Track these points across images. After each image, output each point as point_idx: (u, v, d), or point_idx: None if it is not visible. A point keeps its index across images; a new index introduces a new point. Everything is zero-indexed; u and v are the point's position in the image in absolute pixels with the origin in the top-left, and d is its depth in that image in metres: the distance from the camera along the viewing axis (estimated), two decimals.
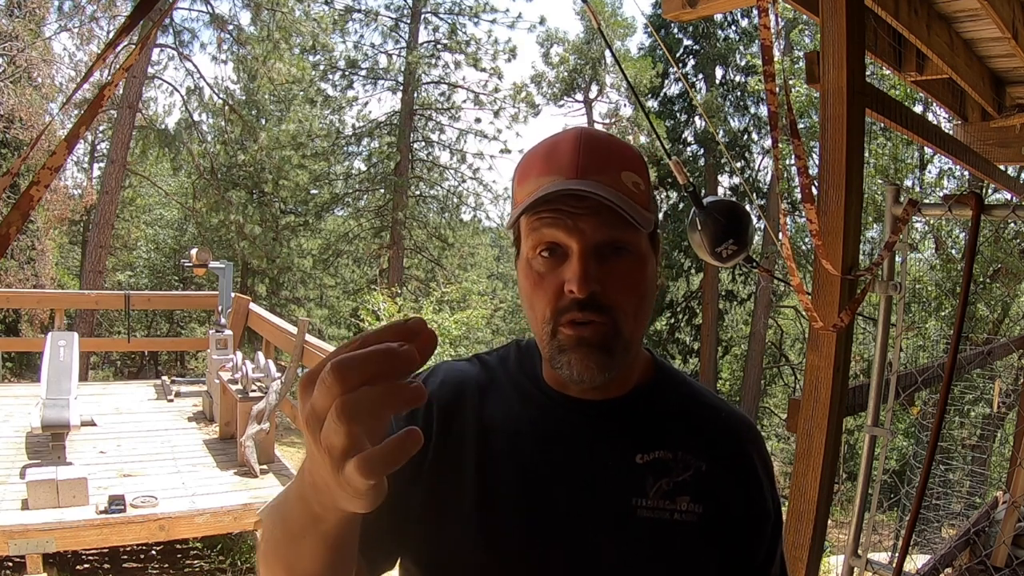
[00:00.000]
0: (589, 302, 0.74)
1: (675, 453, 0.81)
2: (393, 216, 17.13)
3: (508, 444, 0.81)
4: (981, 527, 3.38)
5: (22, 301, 9.76)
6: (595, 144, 0.78)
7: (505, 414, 0.84)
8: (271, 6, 14.18)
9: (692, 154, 17.58)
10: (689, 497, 0.80)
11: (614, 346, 0.76)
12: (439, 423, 0.83)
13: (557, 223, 0.74)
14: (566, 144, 0.77)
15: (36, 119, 11.58)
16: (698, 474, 0.81)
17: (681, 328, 18.25)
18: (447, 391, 0.85)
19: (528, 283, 0.78)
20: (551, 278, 0.76)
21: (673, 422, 0.85)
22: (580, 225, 0.74)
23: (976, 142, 3.49)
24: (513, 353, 0.91)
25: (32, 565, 3.79)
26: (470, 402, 0.84)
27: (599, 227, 0.74)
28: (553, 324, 0.76)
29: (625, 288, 0.76)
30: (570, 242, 0.74)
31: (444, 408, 0.83)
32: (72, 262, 19.31)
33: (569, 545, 0.78)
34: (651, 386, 0.86)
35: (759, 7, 1.51)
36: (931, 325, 8.81)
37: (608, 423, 0.82)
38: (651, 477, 0.80)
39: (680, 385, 0.90)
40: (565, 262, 0.75)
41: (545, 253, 0.76)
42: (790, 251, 1.81)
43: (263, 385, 4.98)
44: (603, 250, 0.75)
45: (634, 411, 0.84)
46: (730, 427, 0.88)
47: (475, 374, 0.88)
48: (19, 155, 11.39)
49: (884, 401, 2.27)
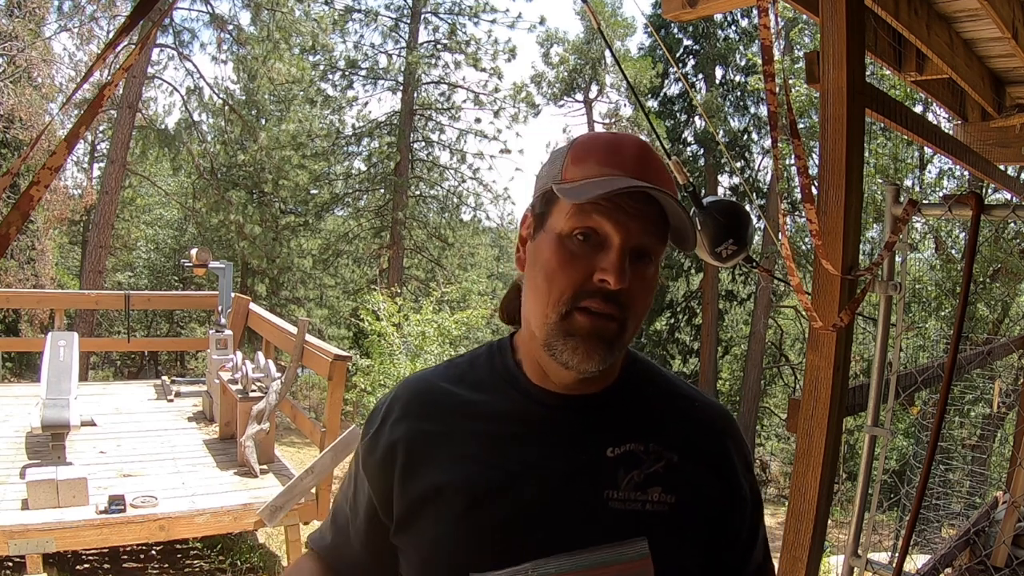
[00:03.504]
0: (614, 296, 0.76)
1: (647, 445, 0.84)
2: (393, 216, 17.13)
3: (481, 442, 0.84)
4: (981, 527, 3.38)
5: (22, 301, 9.76)
6: (653, 158, 0.81)
7: (476, 412, 0.86)
8: (271, 6, 14.18)
9: (692, 154, 17.59)
10: (661, 488, 0.82)
11: (616, 344, 0.79)
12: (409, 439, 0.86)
13: (610, 214, 0.76)
14: (630, 147, 0.81)
15: (36, 119, 11.57)
16: (670, 465, 0.83)
17: (681, 328, 18.25)
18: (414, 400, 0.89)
19: (556, 258, 0.78)
20: (583, 261, 0.77)
21: (646, 414, 0.87)
22: (629, 224, 0.77)
23: (976, 142, 3.49)
24: (484, 353, 0.93)
25: (32, 565, 3.79)
26: (440, 405, 0.87)
27: (642, 232, 0.77)
28: (570, 306, 0.78)
29: (642, 294, 0.79)
30: (615, 236, 0.77)
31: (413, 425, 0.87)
32: (72, 262, 19.31)
33: (549, 537, 0.80)
34: (626, 379, 0.88)
35: (759, 7, 1.51)
36: (931, 325, 8.81)
37: (583, 418, 0.84)
38: (622, 470, 0.82)
39: (654, 377, 0.92)
40: (601, 251, 0.77)
41: (581, 236, 0.78)
42: (790, 251, 1.81)
43: (263, 385, 4.98)
44: (635, 253, 0.78)
45: (607, 405, 0.86)
46: (704, 417, 0.90)
47: (444, 377, 0.90)
48: (19, 155, 11.39)
49: (884, 401, 2.27)
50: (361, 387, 10.38)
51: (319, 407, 14.99)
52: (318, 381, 15.03)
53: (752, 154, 17.55)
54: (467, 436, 0.84)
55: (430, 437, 0.85)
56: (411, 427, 0.87)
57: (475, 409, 0.86)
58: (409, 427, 0.87)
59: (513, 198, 19.90)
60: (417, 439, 0.85)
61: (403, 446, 0.86)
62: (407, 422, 0.87)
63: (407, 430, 0.86)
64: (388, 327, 10.42)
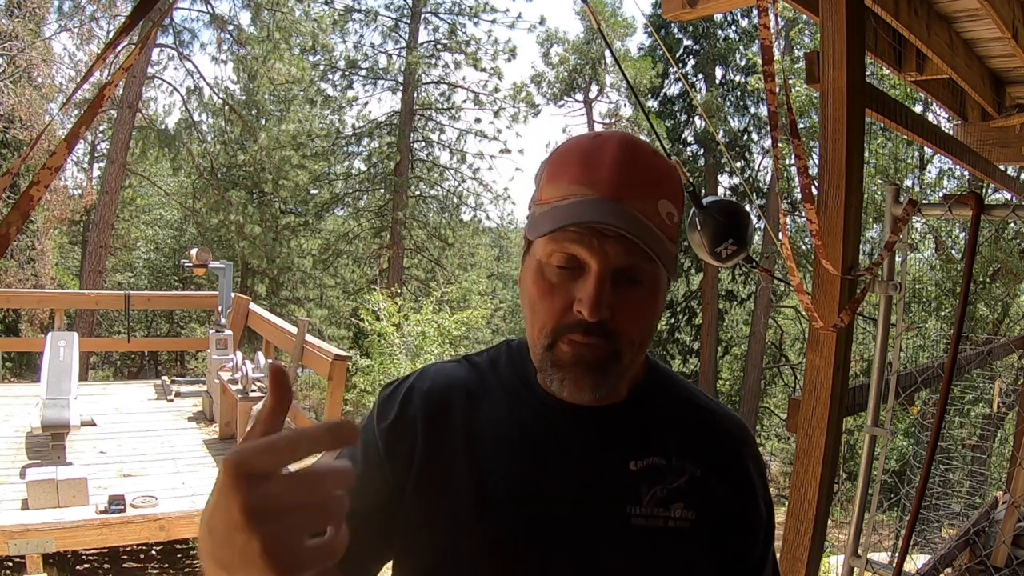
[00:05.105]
0: (596, 327, 0.72)
1: (669, 459, 0.81)
2: (393, 216, 17.14)
3: (500, 451, 0.80)
4: (981, 527, 3.38)
5: (22, 301, 9.76)
6: (638, 161, 0.74)
7: (496, 420, 0.82)
8: (271, 6, 14.18)
9: (692, 154, 17.58)
10: (683, 504, 0.80)
11: (610, 368, 0.75)
12: (426, 432, 0.81)
13: (582, 239, 0.72)
14: (608, 155, 0.74)
15: (36, 119, 11.58)
16: (692, 480, 0.81)
17: (681, 328, 18.25)
18: (435, 398, 0.83)
19: (536, 289, 0.75)
20: (562, 291, 0.74)
21: (667, 426, 0.84)
22: (605, 247, 0.71)
23: (976, 142, 3.49)
24: (504, 355, 0.88)
25: (32, 565, 3.79)
26: (459, 408, 0.83)
27: (623, 253, 0.72)
28: (553, 338, 0.74)
29: (634, 319, 0.74)
30: (591, 261, 0.72)
31: (431, 418, 0.82)
32: (72, 262, 19.31)
33: (569, 553, 0.77)
34: (645, 390, 0.85)
35: (759, 7, 1.51)
36: (931, 325, 8.81)
37: (602, 429, 0.81)
38: (645, 485, 0.79)
39: (674, 387, 0.89)
40: (580, 278, 0.73)
41: (561, 264, 0.74)
42: (790, 251, 1.81)
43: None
44: (620, 276, 0.73)
45: (628, 417, 0.82)
46: (725, 431, 0.87)
47: (464, 377, 0.86)
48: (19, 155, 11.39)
49: (884, 401, 2.27)
50: (361, 387, 10.40)
51: (319, 407, 15.00)
52: (318, 381, 15.03)
53: (752, 154, 17.55)
54: (487, 443, 0.80)
55: (450, 439, 0.81)
56: (430, 425, 0.81)
57: (497, 415, 0.82)
58: (427, 421, 0.82)
59: (513, 198, 19.99)
60: (434, 440, 0.81)
61: (421, 446, 0.81)
62: (425, 416, 0.82)
63: (426, 428, 0.81)
64: (388, 327, 10.44)
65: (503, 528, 0.77)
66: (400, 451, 0.81)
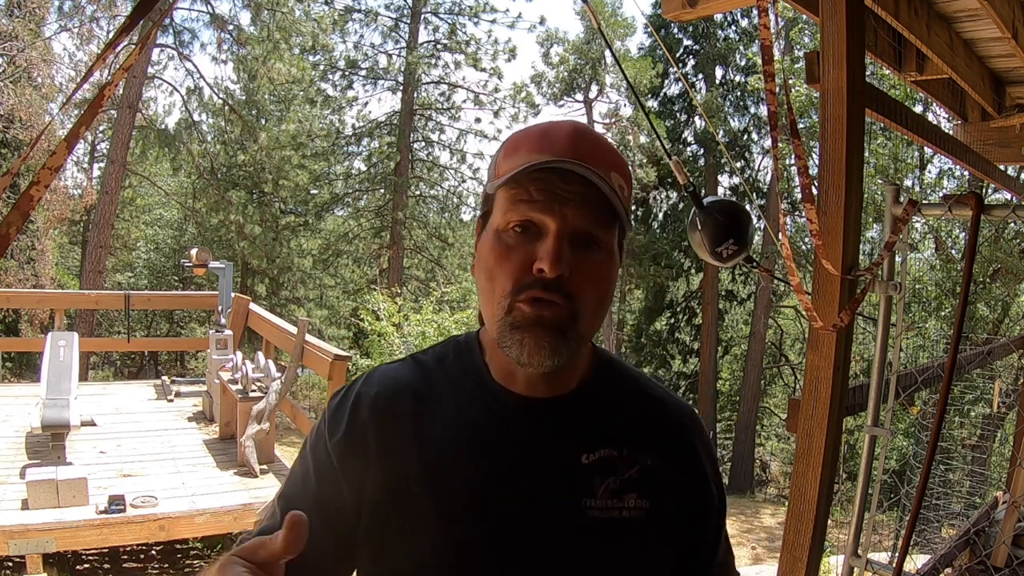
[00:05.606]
0: (555, 284, 0.73)
1: (620, 450, 0.82)
2: (393, 216, 17.14)
3: (454, 453, 0.80)
4: (981, 527, 3.38)
5: (22, 301, 9.76)
6: (589, 138, 0.79)
7: (448, 419, 0.82)
8: (271, 6, 14.18)
9: (692, 154, 17.59)
10: (636, 493, 0.81)
11: (568, 331, 0.75)
12: (377, 440, 0.81)
13: (540, 202, 0.74)
14: (562, 131, 0.78)
15: (36, 119, 11.58)
16: (643, 469, 0.82)
17: (681, 328, 18.26)
18: (382, 404, 0.83)
19: (493, 254, 0.76)
20: (520, 253, 0.75)
21: (618, 418, 0.85)
22: (563, 209, 0.74)
23: (976, 142, 3.48)
24: (452, 350, 0.88)
25: (32, 565, 3.79)
26: (408, 411, 0.82)
27: (580, 216, 0.74)
28: (511, 299, 0.75)
29: (591, 281, 0.76)
30: (549, 223, 0.74)
31: (380, 425, 0.82)
32: (72, 262, 19.32)
33: (528, 549, 0.78)
34: (596, 381, 0.86)
35: (759, 7, 1.51)
36: (931, 325, 8.81)
37: (554, 422, 0.82)
38: (598, 477, 0.80)
39: (624, 378, 0.89)
40: (538, 241, 0.74)
41: (518, 228, 0.75)
42: (790, 251, 1.81)
43: (263, 385, 4.99)
44: (577, 240, 0.75)
45: (578, 409, 0.83)
46: (675, 420, 0.89)
47: (411, 378, 0.85)
48: (19, 155, 11.39)
49: (884, 401, 2.26)
50: None
51: (319, 407, 14.99)
52: (318, 381, 15.04)
53: (752, 154, 17.56)
54: (441, 446, 0.80)
55: (403, 445, 0.80)
56: (381, 433, 0.81)
57: (446, 412, 0.82)
58: (378, 429, 0.81)
59: None
60: (386, 448, 0.80)
61: (374, 457, 0.80)
62: (375, 423, 0.81)
63: (376, 432, 0.81)
64: (388, 327, 10.43)
65: (463, 531, 0.78)
66: (354, 464, 0.81)
